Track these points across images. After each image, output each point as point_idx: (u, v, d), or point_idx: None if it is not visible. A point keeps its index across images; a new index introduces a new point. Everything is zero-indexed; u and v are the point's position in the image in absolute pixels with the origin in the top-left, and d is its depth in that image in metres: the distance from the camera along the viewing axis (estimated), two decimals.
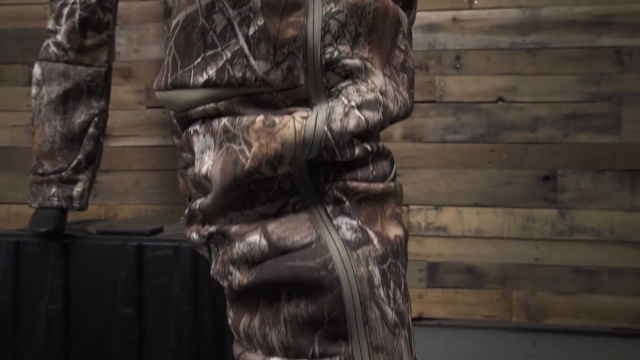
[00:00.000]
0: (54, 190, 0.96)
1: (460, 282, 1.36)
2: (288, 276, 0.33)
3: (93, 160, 1.02)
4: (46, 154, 0.96)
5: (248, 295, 0.35)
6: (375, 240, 0.35)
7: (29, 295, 0.94)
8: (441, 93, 1.37)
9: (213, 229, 0.36)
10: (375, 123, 0.35)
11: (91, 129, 1.01)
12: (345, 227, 0.34)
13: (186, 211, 0.39)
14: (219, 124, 0.34)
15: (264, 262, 0.34)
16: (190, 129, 0.36)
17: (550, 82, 1.33)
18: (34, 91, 0.98)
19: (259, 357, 0.35)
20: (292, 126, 0.33)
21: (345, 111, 0.34)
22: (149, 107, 1.48)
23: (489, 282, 1.35)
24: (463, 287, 1.35)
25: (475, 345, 1.35)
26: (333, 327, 0.33)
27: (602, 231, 1.31)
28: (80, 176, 0.99)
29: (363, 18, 0.34)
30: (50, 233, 0.91)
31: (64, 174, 0.97)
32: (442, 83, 1.37)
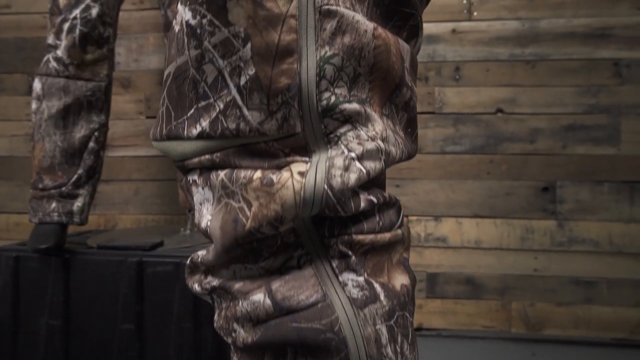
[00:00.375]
0: (54, 205, 0.96)
1: (459, 293, 1.36)
2: (293, 338, 0.32)
3: (93, 174, 1.02)
4: (46, 169, 0.96)
5: (253, 350, 0.34)
6: (382, 296, 0.34)
7: (29, 310, 0.94)
8: (440, 104, 1.37)
9: (216, 283, 0.36)
10: (377, 173, 0.34)
11: (91, 144, 1.01)
12: (352, 285, 0.33)
13: (188, 261, 0.38)
14: (217, 178, 0.34)
15: (268, 322, 0.33)
16: (190, 178, 0.36)
17: (549, 94, 1.34)
18: (34, 106, 0.98)
19: None
20: (291, 186, 0.32)
21: (345, 164, 0.33)
22: (148, 117, 1.48)
23: (488, 293, 1.35)
24: (462, 298, 1.36)
25: (474, 356, 1.35)
26: None
27: (601, 242, 1.31)
28: (81, 191, 0.99)
29: (362, 58, 0.33)
30: (51, 249, 0.91)
31: (64, 189, 0.97)
32: (442, 94, 1.37)
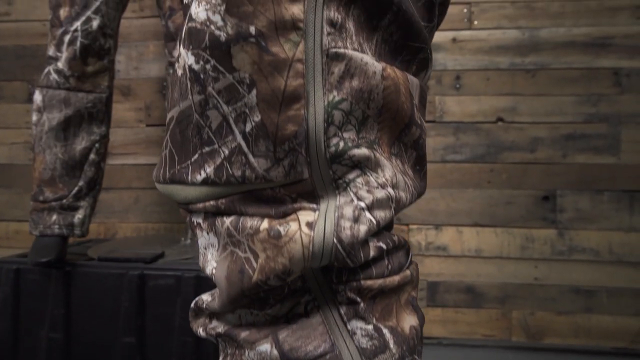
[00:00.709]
0: (54, 217, 0.96)
1: (460, 302, 1.36)
2: None
3: (94, 186, 1.01)
4: (47, 181, 0.96)
5: None
6: (391, 343, 0.33)
7: (29, 323, 0.94)
8: (441, 113, 1.37)
9: (221, 329, 0.35)
10: (388, 222, 0.34)
11: (92, 155, 1.00)
12: (361, 334, 0.33)
13: (192, 304, 0.38)
14: (222, 225, 0.33)
15: None
16: (194, 220, 0.35)
17: (549, 103, 1.34)
18: (34, 118, 0.98)
19: None
20: (299, 239, 0.31)
21: (355, 215, 0.32)
22: (148, 125, 1.48)
23: (488, 302, 1.35)
24: (463, 307, 1.36)
25: None
26: None
27: (601, 251, 1.31)
28: (81, 203, 0.99)
29: (371, 101, 0.32)
30: (52, 262, 0.91)
31: (64, 201, 0.96)
32: (442, 103, 1.37)
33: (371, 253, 0.33)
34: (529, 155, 1.34)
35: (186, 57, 0.32)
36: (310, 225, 0.31)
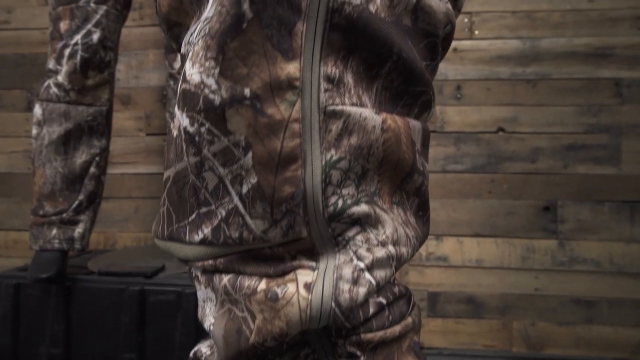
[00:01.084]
0: (54, 232, 0.95)
1: (460, 312, 1.36)
2: None
3: (94, 199, 1.01)
4: (47, 196, 0.96)
5: None
6: None
7: (29, 338, 0.93)
8: (442, 123, 1.37)
9: None
10: (388, 280, 0.33)
11: (92, 169, 1.00)
12: None
13: (192, 354, 0.37)
14: (220, 282, 0.33)
15: None
16: (193, 272, 0.35)
17: (550, 113, 1.34)
18: (34, 131, 0.97)
19: None
20: (297, 303, 0.30)
21: (354, 277, 0.31)
22: (148, 134, 1.48)
23: (489, 312, 1.35)
24: (463, 317, 1.36)
25: None
26: None
27: (602, 262, 1.31)
28: (82, 217, 0.98)
29: (371, 155, 0.31)
30: (52, 279, 0.90)
31: (64, 215, 0.96)
32: (443, 113, 1.37)
33: (371, 310, 0.33)
34: (530, 165, 1.34)
35: (181, 119, 0.32)
36: (308, 287, 0.31)
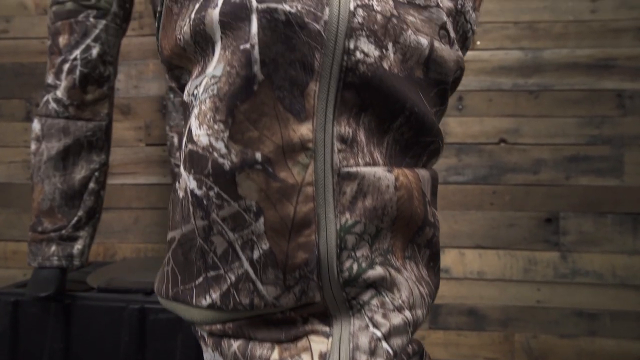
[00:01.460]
0: (53, 248, 0.94)
1: (462, 324, 1.35)
2: None
3: (93, 215, 1.00)
4: (46, 212, 0.95)
5: None
6: None
7: (27, 357, 0.93)
8: (443, 134, 1.36)
9: None
10: (404, 347, 0.32)
11: (92, 184, 0.99)
12: None
13: None
14: (229, 348, 0.31)
15: None
16: (199, 331, 0.34)
17: (552, 124, 1.33)
18: (33, 147, 0.96)
19: None
20: None
21: (371, 347, 0.30)
22: (148, 145, 1.47)
23: (491, 324, 1.34)
24: (465, 329, 1.35)
25: None
26: None
27: (604, 274, 1.31)
28: (81, 233, 0.97)
29: (385, 215, 0.30)
30: (51, 297, 0.89)
31: (63, 231, 0.95)
32: (445, 124, 1.36)
33: None
34: (532, 177, 1.33)
35: (188, 180, 0.30)
36: (323, 357, 0.30)
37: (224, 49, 0.29)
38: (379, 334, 0.31)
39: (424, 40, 0.31)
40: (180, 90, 0.35)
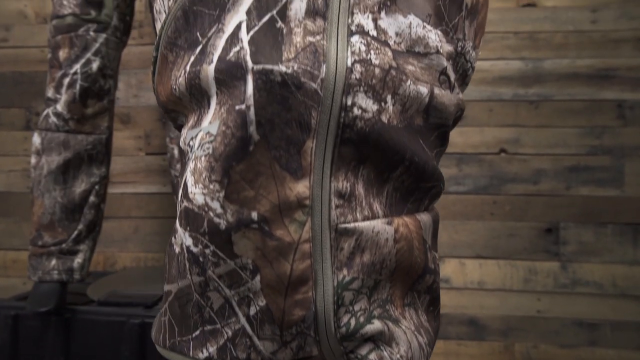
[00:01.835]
0: (54, 262, 0.94)
1: (462, 334, 1.35)
2: None
3: (94, 228, 1.00)
4: (46, 226, 0.95)
5: None
6: None
7: None
8: None
9: None
10: None
11: (92, 198, 0.99)
12: None
13: None
14: None
15: None
16: None
17: (552, 135, 1.33)
18: (33, 160, 0.96)
19: None
20: None
21: None
22: (148, 154, 1.47)
23: (491, 334, 1.34)
24: (465, 339, 1.35)
25: None
26: None
27: (604, 284, 1.31)
28: (81, 246, 0.97)
29: (384, 268, 0.30)
30: (51, 312, 0.89)
31: (64, 245, 0.95)
32: None
33: None
34: (532, 187, 1.33)
35: (184, 237, 0.30)
36: None
37: (219, 105, 0.29)
38: None
39: (424, 89, 0.31)
40: (178, 130, 0.35)
